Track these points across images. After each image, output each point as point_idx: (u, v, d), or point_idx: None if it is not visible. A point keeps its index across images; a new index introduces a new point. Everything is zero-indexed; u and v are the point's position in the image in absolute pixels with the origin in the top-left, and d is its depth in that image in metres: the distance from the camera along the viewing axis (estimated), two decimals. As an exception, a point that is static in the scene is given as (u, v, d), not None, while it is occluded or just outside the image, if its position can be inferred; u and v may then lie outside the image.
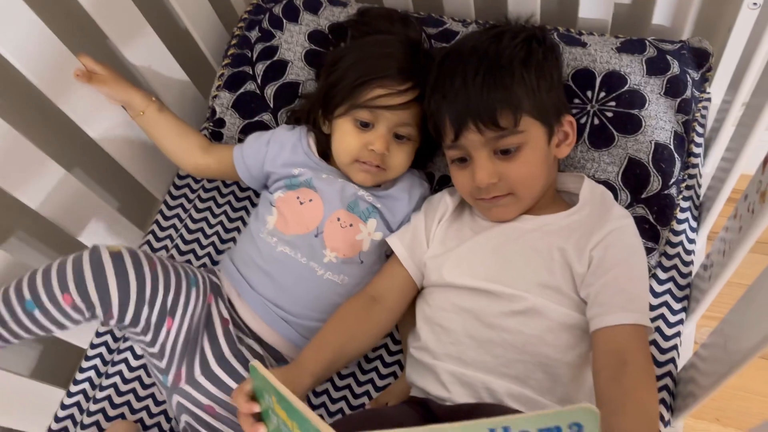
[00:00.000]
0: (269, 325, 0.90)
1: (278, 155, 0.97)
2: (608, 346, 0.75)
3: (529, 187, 0.84)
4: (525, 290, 0.81)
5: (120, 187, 1.15)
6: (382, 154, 0.90)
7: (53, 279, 0.78)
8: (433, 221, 0.92)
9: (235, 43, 1.16)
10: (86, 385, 1.02)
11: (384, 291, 0.90)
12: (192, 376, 0.85)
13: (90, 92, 0.97)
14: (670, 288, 0.94)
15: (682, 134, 0.96)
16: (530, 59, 0.83)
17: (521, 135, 0.81)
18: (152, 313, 0.82)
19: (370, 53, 0.93)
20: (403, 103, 0.88)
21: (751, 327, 0.65)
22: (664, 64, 0.98)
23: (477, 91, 0.80)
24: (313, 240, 0.90)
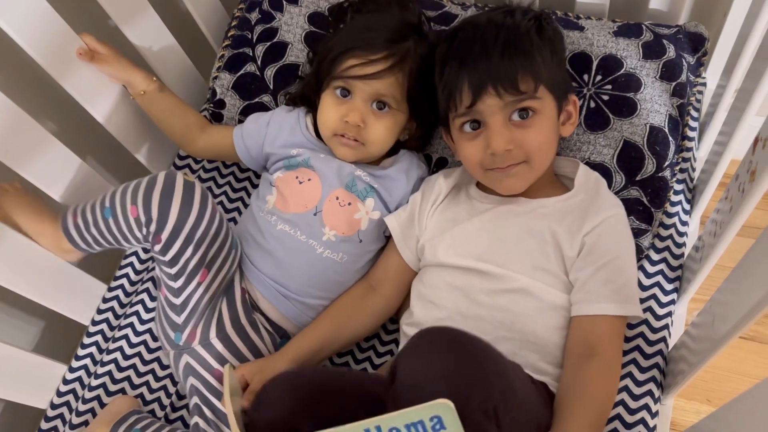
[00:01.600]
0: (270, 301, 0.92)
1: (277, 136, 0.98)
2: (583, 335, 0.80)
3: (543, 156, 0.85)
4: (517, 271, 0.83)
5: (121, 167, 1.17)
6: (357, 127, 0.90)
7: (129, 191, 0.84)
8: (428, 203, 0.93)
9: (235, 25, 1.17)
10: (88, 361, 1.04)
11: (381, 278, 0.93)
12: (207, 337, 0.87)
13: (92, 71, 0.98)
14: (662, 269, 0.95)
15: (677, 118, 0.97)
16: (543, 34, 0.85)
17: (539, 101, 0.83)
18: (193, 257, 0.84)
19: (352, 27, 0.95)
20: (376, 73, 0.88)
21: (737, 305, 0.67)
22: (660, 49, 0.99)
23: (498, 57, 0.81)
24: (312, 218, 0.91)
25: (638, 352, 0.89)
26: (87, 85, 0.98)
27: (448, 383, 0.62)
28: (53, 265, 0.97)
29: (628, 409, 0.86)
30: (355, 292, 0.93)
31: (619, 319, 0.81)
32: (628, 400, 0.86)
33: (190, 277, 0.85)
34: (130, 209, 0.82)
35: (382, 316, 0.93)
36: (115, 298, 1.08)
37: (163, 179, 0.82)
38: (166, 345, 0.92)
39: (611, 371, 0.79)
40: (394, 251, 0.94)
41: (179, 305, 0.86)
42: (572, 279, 0.82)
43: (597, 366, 0.77)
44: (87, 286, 1.06)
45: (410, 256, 0.93)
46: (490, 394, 0.63)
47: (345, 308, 0.92)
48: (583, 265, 0.81)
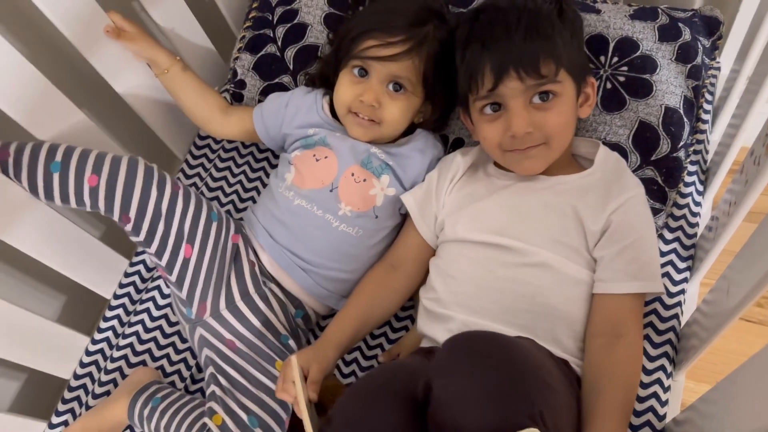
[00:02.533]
0: (286, 271, 0.94)
1: (294, 117, 1.00)
2: (608, 314, 0.81)
3: (562, 138, 0.87)
4: (539, 245, 0.84)
5: (142, 145, 1.19)
6: (372, 106, 0.92)
7: (90, 158, 0.84)
8: (446, 181, 0.94)
9: (256, 6, 1.19)
10: (110, 333, 1.06)
11: (401, 257, 0.95)
12: (217, 309, 0.89)
13: (117, 48, 1.00)
14: (675, 248, 0.97)
15: (692, 99, 0.98)
16: (564, 17, 0.87)
17: (559, 85, 0.84)
18: (168, 233, 0.87)
19: (373, 9, 0.97)
20: (393, 55, 0.90)
21: (749, 275, 0.69)
22: (675, 31, 1.00)
23: (520, 40, 0.82)
24: (328, 194, 0.93)
25: (651, 328, 0.91)
26: (112, 61, 1.01)
27: (492, 400, 0.62)
28: (79, 238, 1.00)
29: (642, 384, 0.87)
30: (378, 273, 0.95)
31: (641, 297, 0.83)
32: (642, 375, 0.88)
33: (174, 253, 0.88)
34: (88, 177, 0.84)
35: (406, 294, 0.95)
36: (136, 273, 1.10)
37: (127, 162, 0.86)
38: (181, 319, 0.94)
39: (638, 352, 0.81)
40: (413, 229, 0.95)
41: (175, 281, 0.89)
42: (597, 256, 0.84)
43: (626, 348, 0.79)
44: (110, 260, 1.08)
45: (428, 232, 0.95)
46: (534, 401, 0.63)
47: (372, 290, 0.93)
48: (609, 243, 0.83)
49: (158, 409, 0.89)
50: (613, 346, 0.78)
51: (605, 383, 0.76)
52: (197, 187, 1.16)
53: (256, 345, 0.89)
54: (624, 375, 0.77)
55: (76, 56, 0.96)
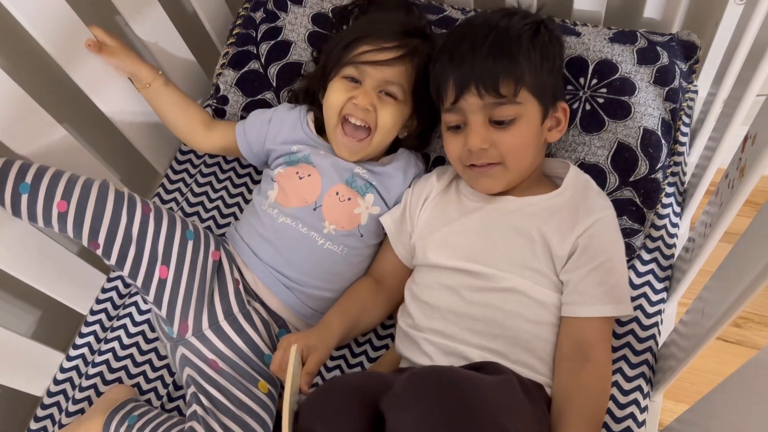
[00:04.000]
0: (270, 289, 0.93)
1: (278, 133, 1.00)
2: (576, 338, 0.82)
3: (518, 159, 0.87)
4: (506, 270, 0.85)
5: (123, 160, 1.18)
6: (366, 110, 0.91)
7: (61, 182, 0.83)
8: (419, 201, 0.95)
9: (240, 23, 1.19)
10: (85, 350, 1.04)
11: (381, 273, 0.96)
12: (199, 328, 0.88)
13: (99, 63, 1.00)
14: (652, 269, 0.98)
15: (669, 122, 1.00)
16: (537, 39, 0.87)
17: (518, 107, 0.84)
18: (141, 256, 0.86)
19: (362, 21, 0.99)
20: (388, 60, 0.91)
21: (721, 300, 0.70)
22: (654, 55, 1.02)
23: (483, 57, 0.83)
24: (312, 213, 0.93)
25: (629, 348, 0.91)
26: (93, 75, 1.00)
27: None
28: (55, 254, 0.99)
29: (618, 404, 0.87)
30: (367, 282, 0.96)
31: (610, 319, 0.84)
32: (618, 395, 0.88)
33: (149, 274, 0.87)
34: (57, 202, 0.82)
35: (389, 307, 0.95)
36: (114, 288, 1.09)
37: (97, 187, 0.85)
38: (163, 337, 0.93)
39: (606, 374, 0.82)
40: (389, 248, 0.96)
41: (153, 301, 0.88)
42: (564, 279, 0.84)
43: (593, 371, 0.80)
44: (87, 276, 1.07)
45: (403, 252, 0.95)
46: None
47: (363, 294, 0.94)
48: (575, 266, 0.83)
49: (135, 427, 0.88)
50: (580, 370, 0.79)
51: (571, 407, 0.77)
52: (177, 203, 1.16)
53: (238, 365, 0.88)
54: (590, 399, 0.78)
55: (56, 70, 0.96)
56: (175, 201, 1.16)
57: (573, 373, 0.80)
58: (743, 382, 0.58)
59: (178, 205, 1.15)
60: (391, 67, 0.91)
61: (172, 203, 1.16)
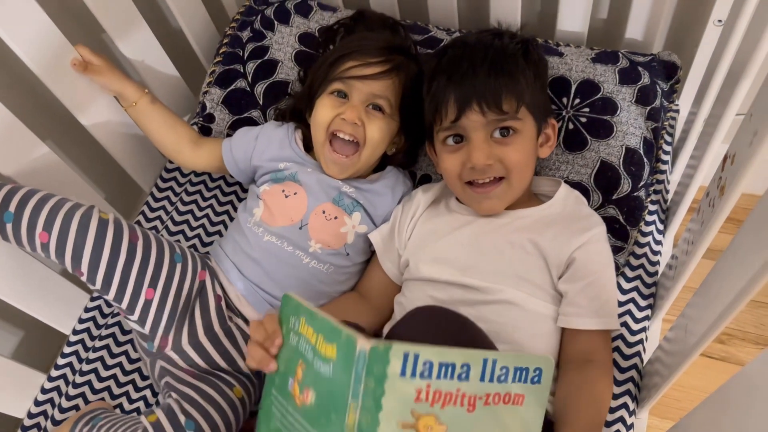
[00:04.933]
0: (254, 306, 0.93)
1: (266, 150, 1.00)
2: (577, 346, 0.83)
3: (522, 174, 0.88)
4: (500, 282, 0.85)
5: (108, 178, 1.18)
6: (354, 124, 0.92)
7: (43, 213, 0.81)
8: (407, 217, 0.95)
9: (227, 42, 1.20)
10: (67, 370, 1.03)
11: (368, 289, 0.96)
12: (179, 343, 0.88)
13: (84, 81, 1.00)
14: (637, 286, 0.98)
15: (651, 140, 1.01)
16: (529, 58, 0.89)
17: (520, 122, 0.86)
18: (126, 282, 0.84)
19: (348, 39, 1.00)
20: (375, 74, 0.92)
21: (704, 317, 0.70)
22: (635, 75, 1.03)
23: (484, 75, 0.84)
24: (297, 232, 0.93)
25: (614, 365, 0.92)
26: (79, 94, 1.00)
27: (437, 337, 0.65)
28: (38, 273, 0.98)
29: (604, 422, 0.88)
30: (352, 296, 0.96)
31: (606, 331, 0.86)
32: (604, 412, 0.88)
33: (135, 297, 0.85)
34: (39, 233, 0.81)
35: (375, 319, 0.94)
36: (97, 308, 1.08)
37: (80, 216, 0.82)
38: (142, 353, 0.92)
39: (608, 374, 0.83)
40: (377, 265, 0.96)
41: (137, 320, 0.87)
42: (562, 290, 0.85)
43: (596, 369, 0.81)
44: (70, 295, 1.06)
45: (392, 268, 0.95)
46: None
47: (345, 300, 0.95)
48: (573, 279, 0.84)
49: (98, 426, 0.87)
50: (583, 369, 0.81)
51: (576, 400, 0.78)
52: (162, 221, 1.15)
53: (214, 373, 0.87)
54: (595, 394, 0.79)
55: (40, 88, 0.95)
56: (160, 219, 1.16)
57: (577, 372, 0.81)
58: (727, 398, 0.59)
59: (162, 224, 1.14)
60: (378, 81, 0.92)
61: (157, 221, 1.16)
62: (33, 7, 0.90)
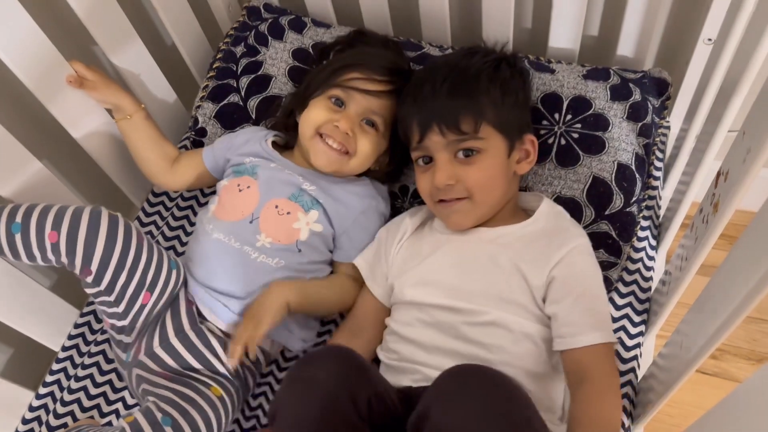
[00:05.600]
0: (210, 308, 0.91)
1: (242, 145, 1.02)
2: (572, 367, 0.81)
3: (486, 193, 0.88)
4: (485, 304, 0.85)
5: (98, 192, 1.17)
6: (345, 134, 0.92)
7: (50, 215, 0.81)
8: (394, 241, 0.96)
9: (220, 57, 1.20)
10: (55, 388, 1.01)
11: (361, 326, 0.95)
12: (150, 347, 0.87)
13: (78, 96, 0.99)
14: (630, 302, 0.98)
15: (643, 156, 1.02)
16: (497, 75, 0.90)
17: (481, 141, 0.86)
18: (130, 283, 0.84)
19: (355, 51, 1.02)
20: (377, 91, 0.93)
21: (699, 333, 0.70)
22: (626, 91, 1.04)
23: (443, 97, 0.87)
24: (247, 226, 0.93)
25: (608, 382, 0.91)
26: (72, 108, 1.00)
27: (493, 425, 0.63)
28: (28, 289, 0.97)
29: (599, 439, 0.87)
30: (339, 340, 0.93)
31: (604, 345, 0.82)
32: (599, 429, 0.88)
33: (133, 300, 0.85)
34: (48, 234, 0.81)
35: (369, 356, 0.93)
36: (86, 324, 1.07)
37: (88, 214, 0.82)
38: (120, 366, 0.92)
39: (608, 391, 0.79)
40: (367, 293, 0.96)
41: (127, 326, 0.87)
42: (550, 313, 0.83)
43: (587, 390, 0.78)
44: (59, 311, 1.05)
45: (380, 291, 0.95)
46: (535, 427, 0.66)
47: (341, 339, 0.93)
48: (558, 297, 0.83)
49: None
50: (579, 388, 0.79)
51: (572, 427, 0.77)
52: (153, 236, 1.14)
53: (191, 376, 0.86)
54: (588, 416, 0.76)
55: (32, 103, 0.95)
56: (151, 234, 1.15)
57: (576, 393, 0.79)
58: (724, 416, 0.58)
59: (154, 239, 1.13)
60: (378, 98, 0.93)
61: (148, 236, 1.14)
62: (27, 21, 0.90)
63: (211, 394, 0.84)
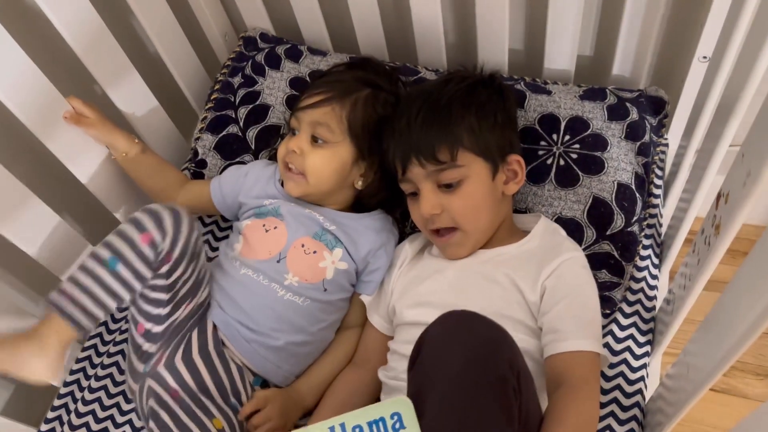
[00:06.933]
0: (233, 344, 0.91)
1: (253, 187, 1.02)
2: (552, 374, 0.80)
3: (472, 220, 0.88)
4: None
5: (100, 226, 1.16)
6: (292, 152, 0.94)
7: (129, 228, 0.82)
8: (395, 268, 0.97)
9: (218, 88, 1.20)
10: (56, 424, 1.00)
11: (364, 358, 0.96)
12: (172, 360, 0.87)
13: (76, 132, 1.00)
14: (635, 321, 0.97)
15: (643, 175, 1.02)
16: (470, 100, 0.90)
17: (461, 169, 0.87)
18: (188, 281, 0.87)
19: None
20: (313, 102, 0.93)
21: (709, 354, 0.69)
22: (623, 111, 1.04)
23: (418, 129, 0.87)
24: (275, 265, 0.93)
25: (616, 404, 0.90)
26: (71, 145, 1.00)
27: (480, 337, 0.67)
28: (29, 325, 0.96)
29: (610, 463, 0.86)
30: (346, 377, 0.95)
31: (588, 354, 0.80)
32: (609, 453, 0.87)
33: (179, 305, 0.87)
34: (140, 238, 0.81)
35: (377, 389, 0.93)
36: (87, 358, 1.06)
37: (161, 205, 0.84)
38: (131, 379, 0.91)
39: (579, 396, 0.76)
40: (370, 326, 0.97)
41: (160, 333, 0.87)
42: (540, 324, 0.84)
43: (563, 393, 0.76)
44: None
45: (380, 321, 0.96)
46: (515, 355, 0.68)
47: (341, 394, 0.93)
48: (547, 308, 0.83)
49: None
50: (551, 397, 0.77)
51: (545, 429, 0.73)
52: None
53: (198, 398, 0.86)
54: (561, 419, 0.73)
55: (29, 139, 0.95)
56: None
57: (549, 402, 0.77)
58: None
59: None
60: (317, 108, 0.94)
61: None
62: (23, 59, 0.90)
63: (212, 428, 0.83)
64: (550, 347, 0.81)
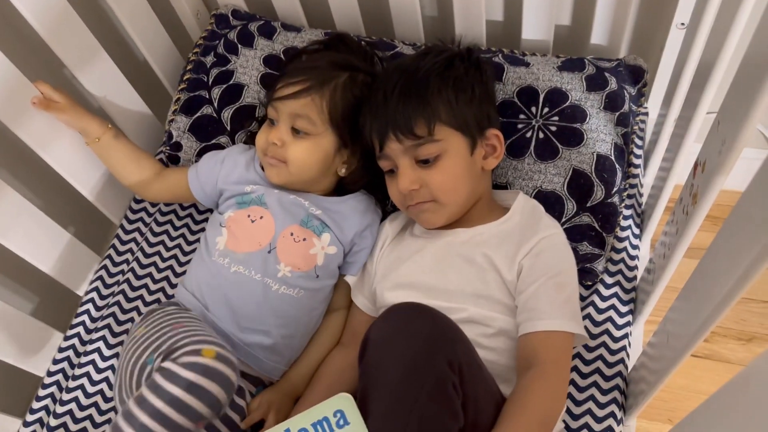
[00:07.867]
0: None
1: (231, 172, 0.99)
2: (523, 353, 0.80)
3: (450, 194, 0.88)
4: (462, 302, 0.85)
5: (76, 212, 1.15)
6: (273, 144, 0.92)
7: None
8: (377, 249, 0.97)
9: (190, 68, 1.18)
10: (42, 414, 1.00)
11: (352, 337, 0.95)
12: None
13: (46, 118, 0.97)
14: (616, 292, 0.98)
15: (622, 146, 1.01)
16: (448, 73, 0.88)
17: (439, 143, 0.86)
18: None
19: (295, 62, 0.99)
20: (292, 93, 0.91)
21: (688, 321, 0.69)
22: (602, 81, 1.03)
23: (394, 104, 0.86)
24: (266, 256, 0.91)
25: (599, 374, 0.91)
26: (41, 131, 0.97)
27: (419, 338, 0.69)
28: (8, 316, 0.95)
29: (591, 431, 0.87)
30: (333, 360, 0.94)
31: (562, 334, 0.80)
32: (592, 422, 0.88)
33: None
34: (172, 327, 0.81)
35: None
36: (71, 347, 1.05)
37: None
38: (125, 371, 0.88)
39: (548, 379, 0.76)
40: (355, 307, 0.97)
41: None
42: (516, 303, 0.84)
43: (533, 375, 0.76)
44: (43, 336, 1.03)
45: (365, 302, 0.96)
46: (455, 350, 0.70)
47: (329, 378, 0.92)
48: (524, 287, 0.83)
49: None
50: (521, 377, 0.77)
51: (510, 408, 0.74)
52: (133, 253, 1.12)
53: None
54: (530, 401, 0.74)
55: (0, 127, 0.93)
56: (131, 251, 1.13)
57: (518, 381, 0.77)
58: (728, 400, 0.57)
59: (133, 255, 1.12)
60: (296, 99, 0.91)
61: (128, 254, 1.13)
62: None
63: None
64: (523, 326, 0.81)
